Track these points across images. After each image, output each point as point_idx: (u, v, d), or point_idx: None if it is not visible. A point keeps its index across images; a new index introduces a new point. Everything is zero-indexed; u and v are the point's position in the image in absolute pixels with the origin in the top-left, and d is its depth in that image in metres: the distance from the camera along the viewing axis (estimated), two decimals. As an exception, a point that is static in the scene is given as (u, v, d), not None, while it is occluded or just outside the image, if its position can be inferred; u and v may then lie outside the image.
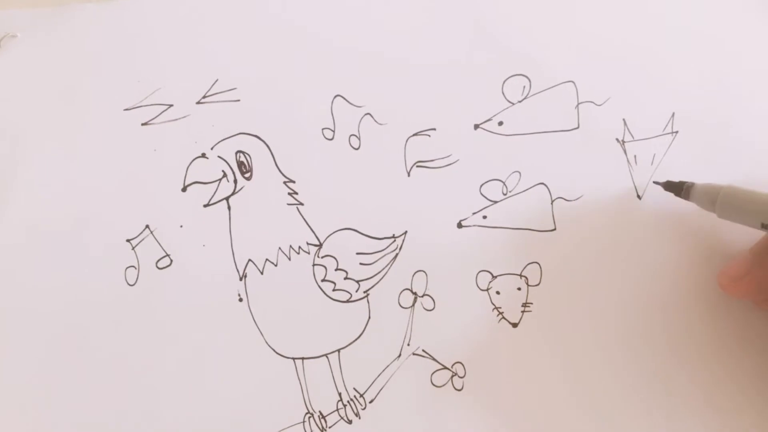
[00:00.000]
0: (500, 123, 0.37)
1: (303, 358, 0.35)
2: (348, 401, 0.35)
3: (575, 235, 0.36)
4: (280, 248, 0.35)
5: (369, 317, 0.36)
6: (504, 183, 0.36)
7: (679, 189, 0.34)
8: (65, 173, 0.36)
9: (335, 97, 0.37)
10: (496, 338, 0.35)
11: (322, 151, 0.36)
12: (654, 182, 0.36)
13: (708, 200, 0.33)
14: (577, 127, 0.37)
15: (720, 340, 0.35)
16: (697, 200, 0.33)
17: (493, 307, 0.36)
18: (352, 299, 0.36)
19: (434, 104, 0.37)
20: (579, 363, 0.35)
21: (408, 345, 0.35)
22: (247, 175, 0.36)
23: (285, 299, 0.35)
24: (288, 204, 0.36)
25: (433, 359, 0.35)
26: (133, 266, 0.35)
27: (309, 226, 0.36)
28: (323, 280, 0.35)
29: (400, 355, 0.35)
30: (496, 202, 0.36)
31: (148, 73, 0.36)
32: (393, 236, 0.36)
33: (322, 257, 0.36)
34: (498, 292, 0.36)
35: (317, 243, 0.36)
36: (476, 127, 0.37)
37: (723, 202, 0.32)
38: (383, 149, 0.36)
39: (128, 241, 0.35)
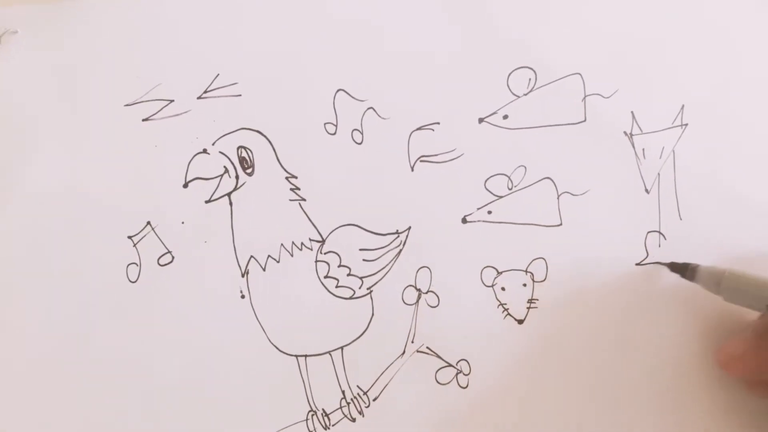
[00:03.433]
0: (505, 116, 0.36)
1: (306, 356, 0.35)
2: (351, 399, 0.35)
3: (582, 230, 0.36)
4: (282, 244, 0.35)
5: (372, 314, 0.35)
6: (509, 177, 0.36)
7: (683, 270, 0.34)
8: (66, 169, 0.36)
9: (337, 91, 0.36)
10: (501, 335, 0.35)
11: (325, 146, 0.36)
12: (657, 263, 0.35)
13: (712, 283, 0.32)
14: (584, 120, 0.36)
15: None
16: (702, 282, 0.33)
17: (499, 303, 0.35)
18: (356, 296, 0.35)
19: (438, 98, 0.36)
20: (585, 360, 0.35)
21: (412, 342, 0.35)
22: (248, 170, 0.36)
23: (287, 296, 0.35)
24: (290, 200, 0.36)
25: (438, 356, 0.35)
26: (134, 263, 0.35)
27: (311, 222, 0.35)
28: (326, 277, 0.35)
29: (404, 353, 0.35)
30: (501, 196, 0.36)
31: (149, 69, 0.36)
32: (396, 232, 0.36)
33: (325, 253, 0.35)
34: (503, 288, 0.35)
35: (320, 239, 0.35)
36: (481, 120, 0.36)
37: (727, 286, 0.32)
38: (386, 144, 0.36)
39: (130, 237, 0.35)
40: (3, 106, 0.36)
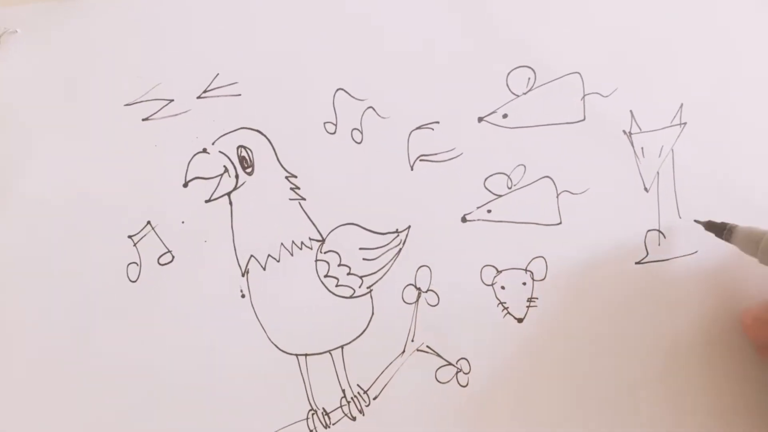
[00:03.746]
0: (504, 115, 0.36)
1: (306, 355, 0.35)
2: (352, 398, 0.35)
3: (581, 228, 0.36)
4: (282, 244, 0.35)
5: (372, 313, 0.35)
6: (509, 176, 0.36)
7: (720, 230, 0.33)
8: (66, 169, 0.36)
9: (337, 90, 0.36)
10: (501, 334, 0.35)
11: (324, 146, 0.36)
12: (695, 221, 0.35)
13: (750, 244, 0.32)
14: (583, 119, 0.36)
15: (722, 341, 0.35)
16: (738, 243, 0.32)
17: (498, 302, 0.35)
18: (356, 295, 0.35)
19: (437, 97, 0.36)
20: (584, 359, 0.35)
21: (412, 341, 0.35)
22: (248, 170, 0.36)
23: (288, 295, 0.35)
24: (290, 199, 0.36)
25: (438, 355, 0.35)
26: (134, 262, 0.35)
27: (311, 221, 0.36)
28: (326, 276, 0.35)
29: (404, 351, 0.35)
30: (500, 195, 0.36)
31: (149, 68, 0.36)
32: (396, 231, 0.36)
33: (325, 252, 0.35)
34: (503, 287, 0.35)
35: (320, 238, 0.35)
36: (480, 119, 0.36)
37: (766, 247, 0.31)
38: (386, 143, 0.36)
39: (130, 237, 0.35)
40: (3, 106, 0.36)
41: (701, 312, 0.35)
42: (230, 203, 0.36)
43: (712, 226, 0.34)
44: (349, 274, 0.35)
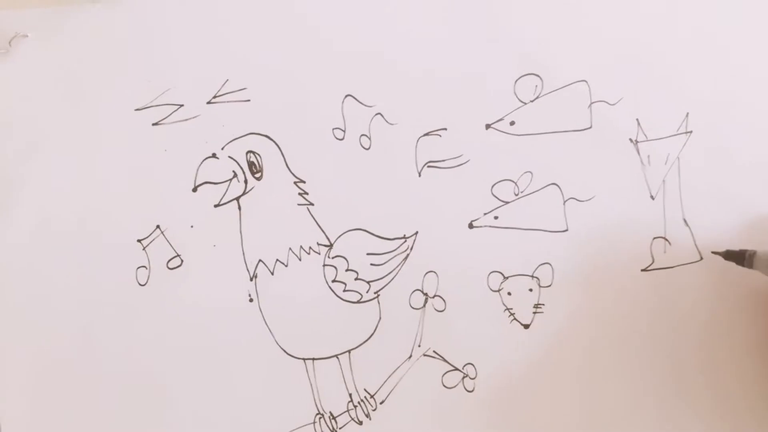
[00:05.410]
0: (512, 123, 0.36)
1: (313, 359, 0.35)
2: (359, 402, 0.35)
3: (588, 235, 0.36)
4: (290, 249, 0.35)
5: (380, 318, 0.35)
6: (516, 183, 0.36)
7: (740, 258, 0.33)
8: (76, 173, 0.36)
9: (346, 96, 0.36)
10: (507, 339, 0.35)
11: (333, 151, 0.36)
12: (712, 252, 0.34)
13: None
14: (590, 127, 0.37)
15: (727, 348, 0.35)
16: (762, 268, 0.32)
17: (505, 308, 0.35)
18: (363, 300, 0.35)
19: (445, 104, 0.36)
20: (590, 365, 0.35)
21: (419, 346, 0.35)
22: (257, 175, 0.36)
23: (295, 300, 0.35)
24: (298, 204, 0.36)
25: (444, 360, 0.35)
26: (144, 266, 0.35)
27: (319, 227, 0.36)
28: (334, 281, 0.35)
29: (410, 356, 0.35)
30: (507, 202, 0.36)
31: (159, 74, 0.36)
32: (404, 237, 0.36)
33: (333, 258, 0.36)
34: (509, 293, 0.35)
35: (328, 243, 0.36)
36: (488, 126, 0.36)
37: None
38: (394, 149, 0.36)
39: (139, 241, 0.35)
40: (14, 109, 0.36)
41: (706, 319, 0.35)
42: (239, 208, 0.36)
43: (731, 256, 0.33)
44: (356, 279, 0.35)
